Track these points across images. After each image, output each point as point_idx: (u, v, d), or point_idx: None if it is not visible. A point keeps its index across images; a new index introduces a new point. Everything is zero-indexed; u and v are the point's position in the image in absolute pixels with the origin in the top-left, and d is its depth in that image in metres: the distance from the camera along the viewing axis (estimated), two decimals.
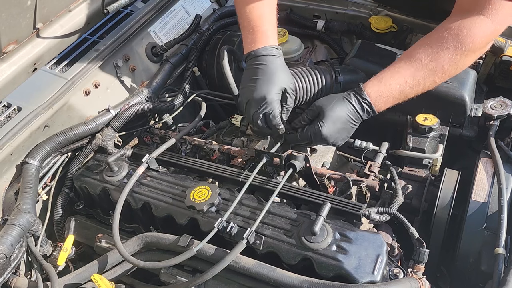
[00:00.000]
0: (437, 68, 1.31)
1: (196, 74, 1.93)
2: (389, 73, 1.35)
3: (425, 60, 1.31)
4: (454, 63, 1.31)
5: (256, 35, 1.39)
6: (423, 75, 1.32)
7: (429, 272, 1.22)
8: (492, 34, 1.31)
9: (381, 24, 1.92)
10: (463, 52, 1.29)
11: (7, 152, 1.41)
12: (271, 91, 1.32)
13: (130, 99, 1.68)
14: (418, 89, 1.34)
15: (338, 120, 1.34)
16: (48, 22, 1.55)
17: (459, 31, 1.28)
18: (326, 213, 1.17)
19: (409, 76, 1.32)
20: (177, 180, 1.38)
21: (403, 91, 1.34)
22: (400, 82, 1.33)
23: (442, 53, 1.30)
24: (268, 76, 1.33)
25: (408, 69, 1.33)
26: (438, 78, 1.33)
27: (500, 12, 1.26)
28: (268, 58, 1.36)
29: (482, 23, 1.27)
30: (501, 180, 1.32)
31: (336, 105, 1.34)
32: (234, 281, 1.16)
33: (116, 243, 1.20)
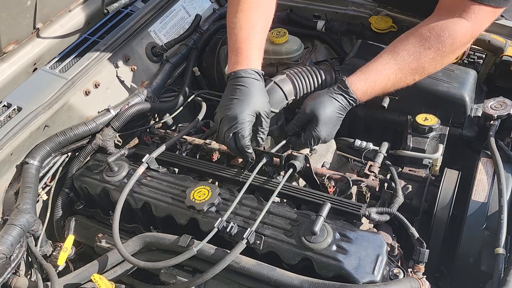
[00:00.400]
0: (418, 67, 1.38)
1: (196, 74, 1.93)
2: (374, 70, 1.40)
3: (408, 58, 1.38)
4: (434, 62, 1.39)
5: (239, 57, 1.40)
6: (405, 73, 1.39)
7: (429, 272, 1.22)
8: (471, 37, 1.39)
9: (381, 24, 1.92)
10: (443, 53, 1.37)
11: (7, 152, 1.41)
12: (243, 111, 1.32)
13: (130, 99, 1.68)
14: (399, 85, 1.42)
15: (330, 121, 1.39)
16: (48, 22, 1.55)
17: (441, 32, 1.35)
18: (326, 213, 1.17)
19: (393, 74, 1.39)
20: (177, 180, 1.38)
21: (385, 87, 1.41)
22: (384, 80, 1.39)
23: (425, 53, 1.37)
24: (244, 98, 1.34)
25: (392, 68, 1.39)
26: (418, 76, 1.41)
27: (479, 16, 1.34)
28: (247, 81, 1.36)
29: (462, 25, 1.35)
30: (501, 180, 1.32)
31: (327, 106, 1.38)
32: (234, 281, 1.16)
33: (116, 243, 1.20)
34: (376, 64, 1.41)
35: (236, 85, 1.36)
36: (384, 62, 1.40)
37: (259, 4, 1.47)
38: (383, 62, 1.40)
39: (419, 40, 1.38)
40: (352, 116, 1.47)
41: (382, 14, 1.97)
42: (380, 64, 1.40)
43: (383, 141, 1.52)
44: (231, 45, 1.44)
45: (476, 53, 1.75)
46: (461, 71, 1.62)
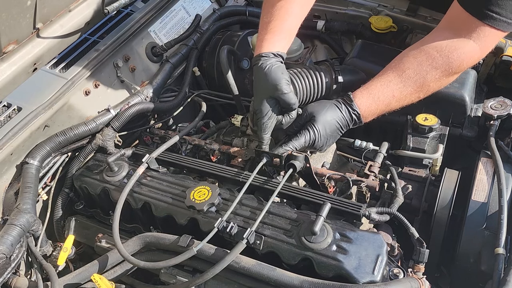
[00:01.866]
0: (424, 85, 1.37)
1: (196, 74, 1.93)
2: (378, 86, 1.39)
3: (414, 77, 1.36)
4: (439, 82, 1.38)
5: (259, 45, 1.41)
6: (410, 91, 1.37)
7: (429, 272, 1.22)
8: (477, 59, 1.38)
9: (381, 24, 1.92)
10: (450, 74, 1.36)
11: (7, 152, 1.41)
12: (256, 102, 1.37)
13: (130, 99, 1.68)
14: (403, 103, 1.40)
15: (328, 126, 1.37)
16: (48, 22, 1.55)
17: (450, 54, 1.34)
18: (326, 213, 1.17)
19: (397, 90, 1.37)
20: (177, 180, 1.38)
21: (389, 104, 1.39)
22: (388, 96, 1.37)
23: (431, 73, 1.35)
24: (256, 87, 1.38)
25: (397, 84, 1.37)
26: (423, 94, 1.39)
27: (488, 38, 1.32)
28: (258, 67, 1.37)
29: (471, 48, 1.33)
30: (501, 180, 1.32)
31: (328, 111, 1.37)
32: (234, 281, 1.16)
33: (116, 243, 1.20)
34: (381, 79, 1.39)
35: (254, 71, 1.39)
36: (388, 79, 1.38)
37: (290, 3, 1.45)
38: (387, 78, 1.39)
39: (427, 59, 1.36)
40: None
41: (382, 14, 1.98)
42: (385, 80, 1.39)
43: (383, 141, 1.52)
44: (259, 34, 1.45)
45: None
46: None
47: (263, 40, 1.40)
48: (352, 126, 1.40)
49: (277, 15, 1.42)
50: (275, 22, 1.42)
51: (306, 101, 1.55)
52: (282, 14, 1.42)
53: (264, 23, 1.44)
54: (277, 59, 1.39)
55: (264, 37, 1.41)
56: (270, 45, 1.39)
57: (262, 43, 1.40)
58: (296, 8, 1.45)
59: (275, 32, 1.41)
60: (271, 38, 1.40)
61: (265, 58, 1.37)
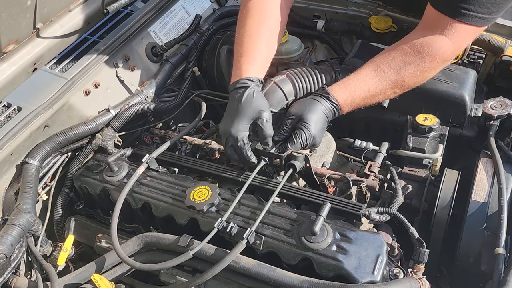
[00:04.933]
0: (398, 80, 1.40)
1: (196, 74, 1.93)
2: (355, 80, 1.41)
3: (388, 71, 1.39)
4: (414, 77, 1.40)
5: (237, 70, 1.40)
6: (385, 85, 1.40)
7: (429, 272, 1.22)
8: (451, 54, 1.41)
9: (381, 24, 1.92)
10: (423, 68, 1.39)
11: (7, 152, 1.41)
12: (235, 125, 1.32)
13: (130, 99, 1.68)
14: (379, 97, 1.43)
15: (319, 120, 1.38)
16: (48, 22, 1.55)
17: (421, 49, 1.38)
18: (326, 213, 1.17)
19: (373, 85, 1.40)
20: (177, 180, 1.38)
21: (365, 98, 1.41)
22: (364, 90, 1.40)
23: (404, 68, 1.39)
24: (235, 110, 1.34)
25: (372, 79, 1.40)
26: (398, 89, 1.42)
27: (460, 34, 1.35)
28: (239, 92, 1.35)
29: (442, 43, 1.36)
30: (501, 180, 1.32)
31: (313, 107, 1.38)
32: (234, 281, 1.16)
33: (114, 243, 1.20)
34: (357, 74, 1.42)
35: (231, 98, 1.37)
36: (364, 73, 1.42)
37: (264, 18, 1.47)
38: (363, 73, 1.42)
39: (400, 54, 1.40)
40: (352, 116, 1.47)
41: (382, 14, 1.98)
42: (361, 75, 1.42)
43: (383, 141, 1.52)
44: (234, 59, 1.45)
45: (476, 53, 1.76)
46: (461, 71, 1.62)
47: (242, 64, 1.40)
48: (333, 117, 1.41)
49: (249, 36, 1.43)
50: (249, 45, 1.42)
51: None
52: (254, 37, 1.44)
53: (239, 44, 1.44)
54: (258, 85, 1.39)
55: (241, 60, 1.41)
56: (249, 69, 1.39)
57: (242, 67, 1.40)
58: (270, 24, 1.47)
59: (252, 55, 1.41)
60: (249, 63, 1.40)
61: (246, 83, 1.36)
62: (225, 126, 1.35)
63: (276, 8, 1.49)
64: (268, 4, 1.48)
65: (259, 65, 1.43)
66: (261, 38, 1.44)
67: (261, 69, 1.43)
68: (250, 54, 1.42)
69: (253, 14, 1.46)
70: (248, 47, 1.42)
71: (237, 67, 1.41)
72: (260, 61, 1.43)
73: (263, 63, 1.45)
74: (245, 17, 1.47)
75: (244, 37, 1.44)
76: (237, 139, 1.31)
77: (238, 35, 1.47)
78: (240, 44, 1.44)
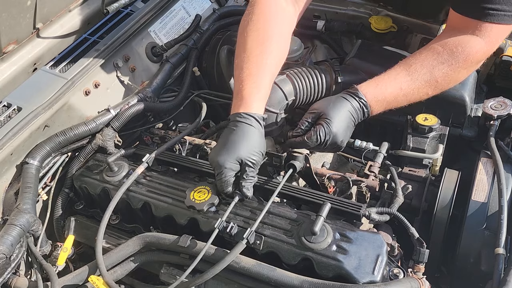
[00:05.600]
0: (431, 80, 1.36)
1: (196, 74, 1.93)
2: (386, 78, 1.38)
3: (421, 71, 1.36)
4: (447, 77, 1.37)
5: (238, 100, 1.31)
6: (418, 85, 1.36)
7: (429, 272, 1.22)
8: (485, 54, 1.38)
9: (381, 24, 1.92)
10: (456, 69, 1.35)
11: (7, 152, 1.41)
12: (225, 160, 1.23)
13: (130, 99, 1.68)
14: (411, 98, 1.39)
15: (342, 117, 1.33)
16: (48, 22, 1.55)
17: (454, 48, 1.35)
18: (326, 213, 1.17)
19: (405, 84, 1.36)
20: (177, 180, 1.38)
21: (397, 97, 1.37)
22: (395, 88, 1.36)
23: (438, 67, 1.35)
24: (229, 145, 1.25)
25: (404, 77, 1.36)
26: (431, 90, 1.38)
27: (492, 33, 1.33)
28: (240, 126, 1.26)
29: (476, 42, 1.34)
30: (501, 180, 1.32)
31: (338, 103, 1.34)
32: (234, 281, 1.16)
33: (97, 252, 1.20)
34: (388, 73, 1.39)
35: (229, 129, 1.28)
36: (396, 72, 1.38)
37: (267, 41, 1.37)
38: (395, 71, 1.39)
39: (432, 54, 1.37)
40: None
41: (382, 14, 1.98)
42: (392, 73, 1.38)
43: (383, 141, 1.52)
44: (235, 84, 1.36)
45: None
46: None
47: (244, 95, 1.30)
48: (361, 116, 1.37)
49: (252, 62, 1.33)
50: (252, 73, 1.32)
51: (306, 101, 1.55)
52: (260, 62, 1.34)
53: (240, 69, 1.34)
54: (261, 124, 1.30)
55: (243, 90, 1.31)
56: (253, 103, 1.29)
57: (244, 98, 1.30)
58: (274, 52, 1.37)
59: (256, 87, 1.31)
60: (252, 95, 1.30)
61: (249, 119, 1.27)
62: (216, 157, 1.26)
63: (280, 26, 1.41)
64: (270, 24, 1.39)
65: (263, 97, 1.34)
66: (264, 66, 1.34)
67: (263, 101, 1.34)
68: (253, 84, 1.31)
69: (255, 37, 1.37)
70: (251, 76, 1.32)
71: (239, 96, 1.31)
72: (264, 93, 1.34)
73: (267, 93, 1.35)
74: (245, 40, 1.37)
75: (245, 62, 1.34)
76: (222, 172, 1.23)
77: (238, 59, 1.37)
78: (240, 69, 1.34)
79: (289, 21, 1.46)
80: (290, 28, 1.47)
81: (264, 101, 1.34)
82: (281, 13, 1.43)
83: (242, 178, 1.25)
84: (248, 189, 1.25)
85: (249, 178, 1.25)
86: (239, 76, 1.34)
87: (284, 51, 1.44)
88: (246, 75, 1.33)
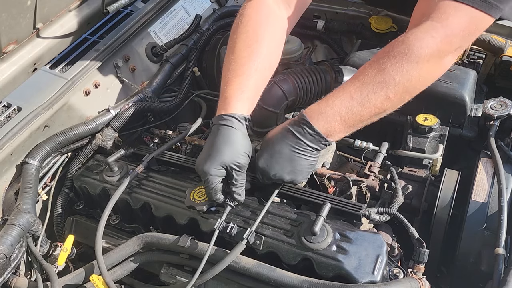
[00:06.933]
0: (387, 79, 1.16)
1: (196, 74, 1.93)
2: (334, 92, 1.22)
3: (371, 72, 1.18)
4: (405, 72, 1.15)
5: (221, 101, 1.26)
6: (371, 89, 1.17)
7: (429, 272, 1.22)
8: (446, 40, 1.16)
9: (381, 24, 1.92)
10: (413, 59, 1.15)
11: (7, 152, 1.41)
12: (209, 167, 1.19)
13: (130, 99, 1.68)
14: (370, 105, 1.17)
15: (275, 151, 1.22)
16: (48, 22, 1.55)
17: (405, 38, 1.18)
18: (326, 213, 1.17)
19: (355, 91, 1.18)
20: (177, 180, 1.38)
21: (351, 109, 1.18)
22: (345, 98, 1.19)
23: (389, 62, 1.16)
24: (212, 150, 1.20)
25: (353, 85, 1.19)
26: (391, 91, 1.16)
27: (452, 15, 1.15)
28: (222, 129, 1.21)
29: (430, 27, 1.16)
30: (501, 180, 1.32)
31: (275, 134, 1.25)
32: (234, 281, 1.16)
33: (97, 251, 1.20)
34: (337, 88, 1.24)
35: (213, 132, 1.23)
36: (344, 84, 1.23)
37: (256, 45, 1.31)
38: (343, 84, 1.24)
39: (382, 52, 1.20)
40: None
41: (382, 14, 1.98)
42: (340, 86, 1.24)
43: (383, 141, 1.52)
44: (220, 85, 1.30)
45: (476, 53, 1.76)
46: (461, 71, 1.62)
47: (227, 96, 1.25)
48: (313, 142, 1.21)
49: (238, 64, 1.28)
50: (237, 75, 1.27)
51: (306, 101, 1.55)
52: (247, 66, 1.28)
53: (227, 70, 1.30)
54: (243, 125, 1.24)
55: (227, 91, 1.26)
56: (236, 104, 1.24)
57: (227, 100, 1.25)
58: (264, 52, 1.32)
59: (240, 88, 1.26)
60: (235, 96, 1.25)
61: (231, 120, 1.21)
62: (200, 162, 1.22)
63: (271, 29, 1.36)
64: (260, 27, 1.34)
65: (247, 98, 1.26)
66: (251, 68, 1.28)
67: (248, 102, 1.27)
68: (237, 86, 1.26)
69: (243, 39, 1.32)
70: (236, 77, 1.27)
71: (223, 96, 1.26)
72: (248, 95, 1.27)
73: (252, 95, 1.28)
74: (234, 43, 1.33)
75: (232, 64, 1.29)
76: (208, 179, 1.19)
77: (226, 61, 1.32)
78: (227, 70, 1.29)
79: (280, 25, 1.41)
80: (282, 32, 1.41)
81: (248, 102, 1.27)
82: (272, 17, 1.38)
83: (232, 183, 1.21)
84: (240, 194, 1.22)
85: (238, 182, 1.21)
86: (225, 78, 1.29)
87: (275, 54, 1.38)
88: (232, 76, 1.27)
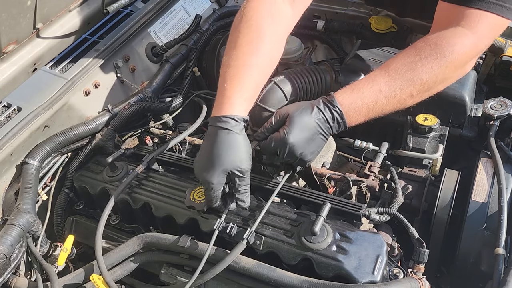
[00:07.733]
0: (415, 78, 1.21)
1: (196, 74, 1.93)
2: (363, 81, 1.25)
3: (401, 69, 1.22)
4: (433, 74, 1.22)
5: (219, 99, 1.21)
6: (399, 85, 1.21)
7: (429, 272, 1.22)
8: (474, 47, 1.24)
9: (381, 24, 1.92)
10: (443, 63, 1.21)
11: (7, 152, 1.41)
12: (211, 175, 1.15)
13: (130, 99, 1.68)
14: (394, 100, 1.23)
15: (306, 128, 1.19)
16: (48, 22, 1.55)
17: (438, 41, 1.22)
18: (326, 213, 1.17)
19: (384, 85, 1.21)
20: (177, 180, 1.38)
21: (377, 101, 1.22)
22: (374, 91, 1.21)
23: (420, 63, 1.21)
24: (211, 155, 1.15)
25: (383, 78, 1.22)
26: (416, 90, 1.23)
27: (480, 23, 1.21)
28: (219, 132, 1.16)
29: (461, 34, 1.22)
30: (501, 180, 1.32)
31: (304, 111, 1.21)
32: (234, 281, 1.16)
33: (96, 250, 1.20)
34: (366, 77, 1.27)
35: (210, 134, 1.18)
36: (374, 74, 1.25)
37: (258, 43, 1.27)
38: (373, 74, 1.26)
39: (414, 50, 1.24)
40: None
41: (382, 14, 1.98)
42: (370, 76, 1.25)
43: (383, 141, 1.52)
44: (219, 82, 1.25)
45: None
46: None
47: (226, 95, 1.20)
48: (336, 128, 1.23)
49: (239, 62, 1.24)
50: (237, 73, 1.22)
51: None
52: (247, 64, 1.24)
53: (226, 66, 1.25)
54: (242, 128, 1.19)
55: (226, 89, 1.21)
56: (235, 104, 1.19)
57: (226, 99, 1.20)
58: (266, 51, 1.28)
59: (240, 87, 1.21)
60: (234, 96, 1.20)
61: (229, 122, 1.16)
62: (201, 169, 1.18)
63: (274, 25, 1.31)
64: (264, 23, 1.29)
65: (247, 98, 1.22)
66: (252, 66, 1.24)
67: (247, 102, 1.23)
68: (238, 86, 1.21)
69: (246, 34, 1.27)
70: (237, 76, 1.22)
71: (220, 95, 1.21)
72: (248, 95, 1.23)
73: (252, 95, 1.25)
74: (237, 37, 1.27)
75: (233, 60, 1.24)
76: (210, 188, 1.16)
77: (227, 57, 1.26)
78: (227, 66, 1.24)
79: (285, 21, 1.37)
80: (286, 29, 1.38)
81: (247, 102, 1.23)
82: (277, 13, 1.34)
83: (236, 190, 1.18)
84: (244, 201, 1.19)
85: (242, 188, 1.18)
86: (225, 74, 1.23)
87: (277, 51, 1.34)
88: (232, 74, 1.22)
